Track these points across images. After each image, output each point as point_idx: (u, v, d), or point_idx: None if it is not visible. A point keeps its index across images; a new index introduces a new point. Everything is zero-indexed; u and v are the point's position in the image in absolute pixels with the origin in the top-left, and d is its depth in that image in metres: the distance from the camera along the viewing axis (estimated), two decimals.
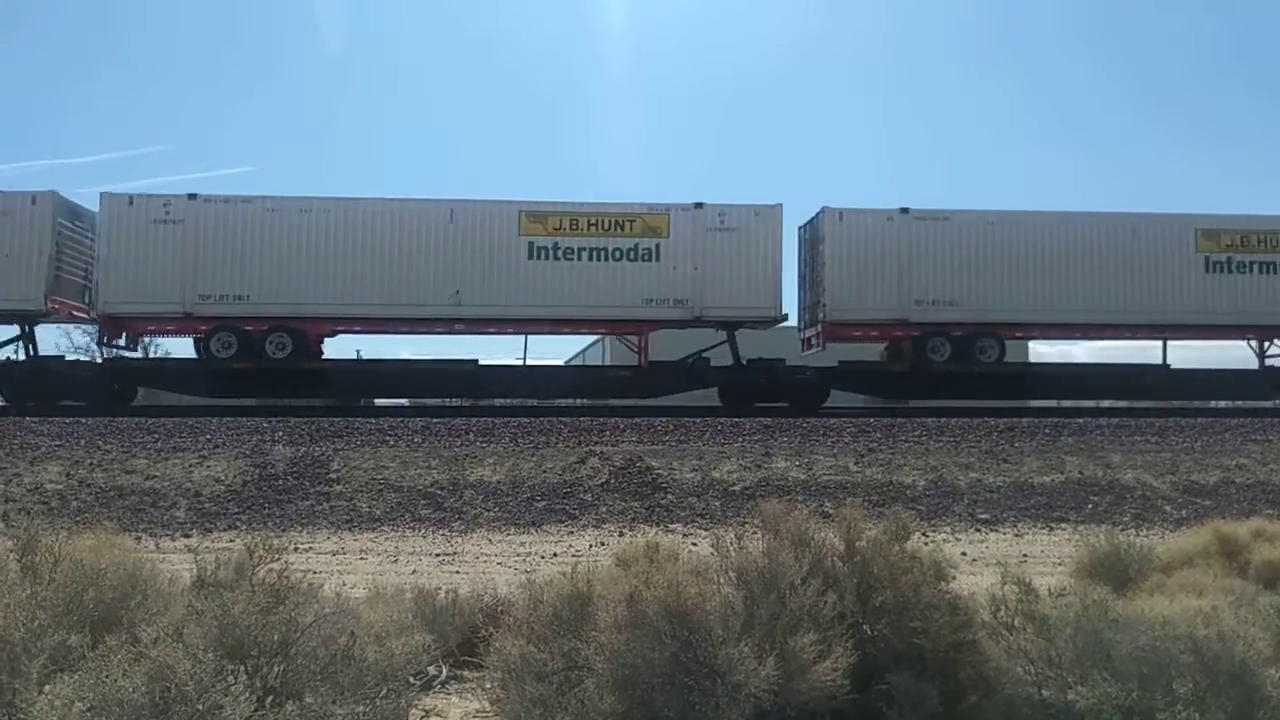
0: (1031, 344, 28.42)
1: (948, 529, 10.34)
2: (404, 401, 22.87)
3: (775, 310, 20.76)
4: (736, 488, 11.59)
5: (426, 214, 20.24)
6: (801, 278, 22.50)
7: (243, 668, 2.98)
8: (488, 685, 3.92)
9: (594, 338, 29.59)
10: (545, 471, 12.01)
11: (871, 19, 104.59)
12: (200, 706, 2.79)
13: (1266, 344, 22.72)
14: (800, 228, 22.42)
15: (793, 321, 22.50)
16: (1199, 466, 12.89)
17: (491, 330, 21.50)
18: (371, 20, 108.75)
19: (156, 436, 13.59)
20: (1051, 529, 10.53)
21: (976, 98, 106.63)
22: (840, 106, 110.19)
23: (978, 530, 10.40)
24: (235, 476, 11.68)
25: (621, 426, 14.84)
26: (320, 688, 3.10)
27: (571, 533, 10.09)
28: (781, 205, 20.89)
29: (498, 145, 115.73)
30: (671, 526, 10.28)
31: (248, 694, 2.87)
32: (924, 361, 20.88)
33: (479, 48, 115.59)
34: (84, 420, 15.21)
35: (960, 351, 20.93)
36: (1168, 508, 11.40)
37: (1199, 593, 4.35)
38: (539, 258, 20.15)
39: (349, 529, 10.11)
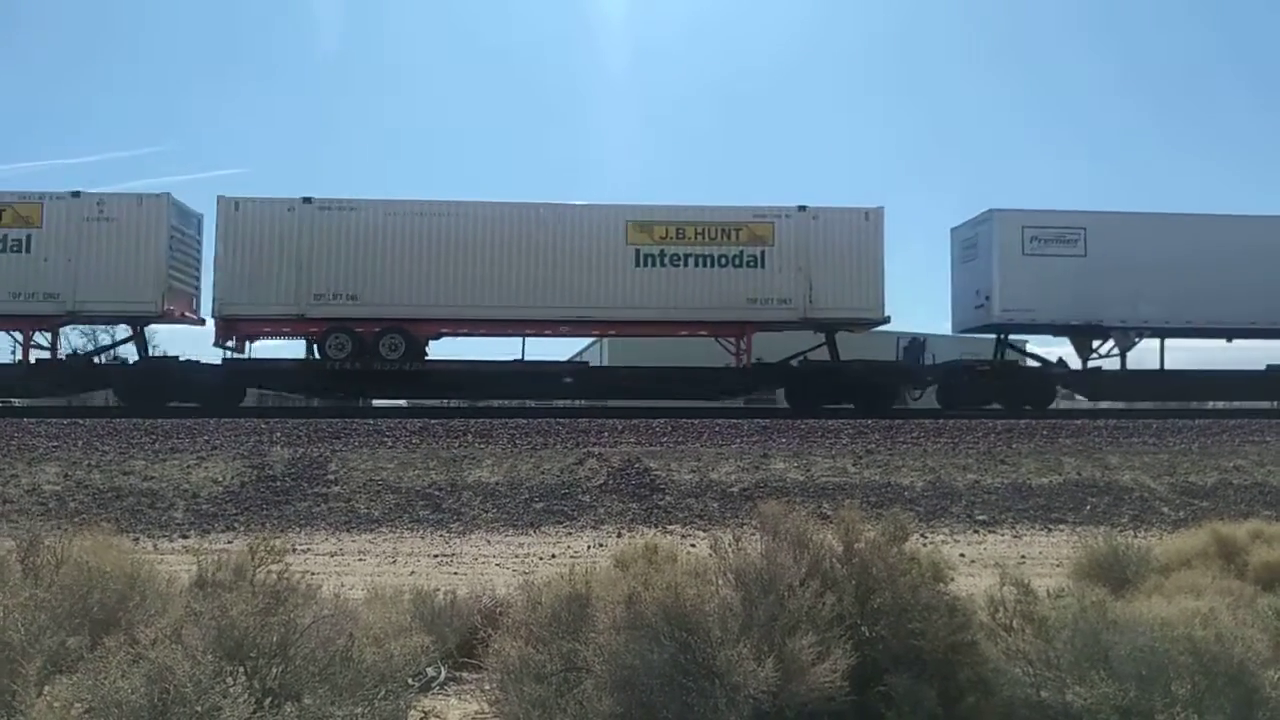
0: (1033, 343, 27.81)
1: (946, 530, 10.35)
2: (402, 402, 22.79)
3: (156, 305, 19.78)
4: (735, 489, 11.59)
5: None
6: None
7: (241, 669, 2.97)
8: (486, 687, 3.92)
9: (591, 339, 27.87)
10: (543, 473, 12.01)
11: (873, 19, 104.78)
12: (199, 708, 2.79)
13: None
14: None
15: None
16: (1196, 468, 12.91)
17: None
18: (369, 20, 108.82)
19: (154, 437, 13.58)
20: (1050, 530, 10.54)
21: (977, 97, 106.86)
22: (841, 105, 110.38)
23: (976, 532, 10.41)
24: (233, 478, 11.67)
25: (620, 428, 14.85)
26: (319, 689, 3.10)
27: (570, 534, 10.09)
28: (169, 194, 20.01)
29: (496, 144, 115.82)
30: (670, 528, 10.28)
31: (246, 695, 2.86)
32: (323, 360, 19.93)
33: (477, 47, 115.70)
34: (82, 421, 15.20)
35: (364, 349, 19.84)
36: (1166, 509, 11.41)
37: (1197, 594, 4.35)
38: None
39: (347, 530, 10.11)
